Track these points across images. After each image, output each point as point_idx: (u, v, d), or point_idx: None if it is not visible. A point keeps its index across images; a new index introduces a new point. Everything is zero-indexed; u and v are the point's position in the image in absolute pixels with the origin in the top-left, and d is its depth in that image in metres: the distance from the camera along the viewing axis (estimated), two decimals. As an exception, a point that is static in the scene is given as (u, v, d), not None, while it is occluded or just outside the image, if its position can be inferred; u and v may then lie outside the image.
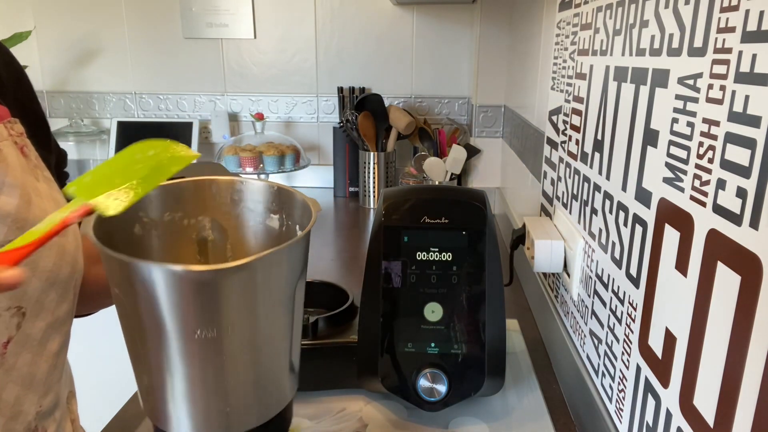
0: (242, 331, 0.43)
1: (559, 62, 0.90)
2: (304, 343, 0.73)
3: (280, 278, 0.45)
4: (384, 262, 0.70)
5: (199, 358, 0.42)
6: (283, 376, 0.48)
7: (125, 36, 1.99)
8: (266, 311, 0.44)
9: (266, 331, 0.45)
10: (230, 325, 0.42)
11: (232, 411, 0.44)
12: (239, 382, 0.44)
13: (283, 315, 0.46)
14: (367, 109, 1.77)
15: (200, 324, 0.41)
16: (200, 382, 0.43)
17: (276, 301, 0.45)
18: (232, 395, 0.44)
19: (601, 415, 0.63)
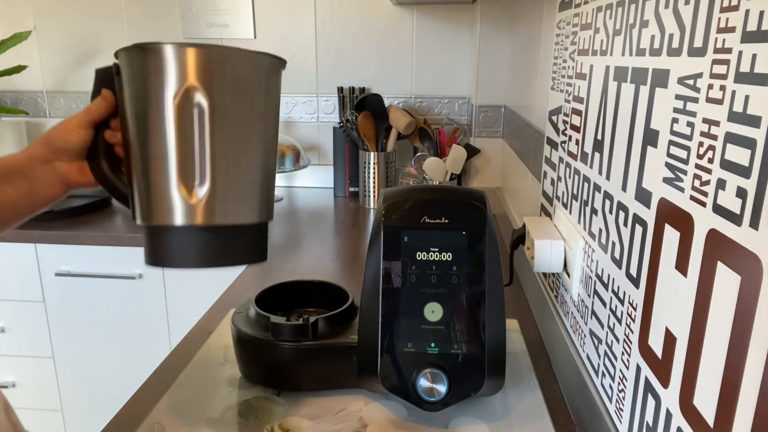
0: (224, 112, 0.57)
1: (559, 62, 0.90)
2: (304, 342, 0.73)
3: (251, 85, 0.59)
4: (384, 262, 0.70)
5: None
6: (252, 187, 0.59)
7: (125, 36, 1.99)
8: (242, 110, 0.58)
9: (240, 132, 0.58)
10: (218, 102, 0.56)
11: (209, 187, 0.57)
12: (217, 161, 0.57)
13: (255, 127, 0.59)
14: (367, 109, 1.77)
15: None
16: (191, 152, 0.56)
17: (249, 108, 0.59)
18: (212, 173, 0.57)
19: (601, 415, 0.63)
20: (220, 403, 0.74)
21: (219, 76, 0.57)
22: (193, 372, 0.82)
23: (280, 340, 0.73)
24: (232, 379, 0.80)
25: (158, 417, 0.72)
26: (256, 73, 0.60)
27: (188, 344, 0.90)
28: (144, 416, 0.72)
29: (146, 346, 1.66)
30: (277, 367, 0.75)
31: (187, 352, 0.88)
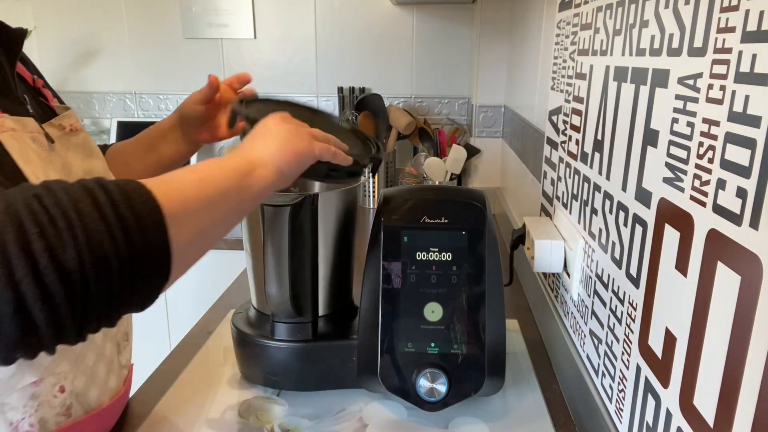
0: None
1: (559, 62, 0.90)
2: (304, 343, 0.73)
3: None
4: (384, 262, 0.70)
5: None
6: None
7: (125, 36, 2.00)
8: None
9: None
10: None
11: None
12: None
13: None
14: (367, 109, 1.77)
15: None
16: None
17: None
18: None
19: (601, 415, 0.63)
20: (220, 403, 0.74)
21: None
22: (193, 372, 0.82)
23: (281, 340, 0.73)
24: (232, 379, 0.80)
25: (158, 417, 0.72)
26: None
27: (188, 344, 0.90)
28: (144, 416, 0.72)
29: (146, 346, 1.66)
30: (277, 367, 0.75)
31: (187, 352, 0.88)
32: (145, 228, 0.41)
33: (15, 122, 0.54)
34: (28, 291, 0.35)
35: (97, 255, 0.38)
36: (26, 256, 0.35)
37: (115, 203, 0.40)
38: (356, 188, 0.76)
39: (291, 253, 0.67)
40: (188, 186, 0.47)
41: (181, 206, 0.45)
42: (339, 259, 0.76)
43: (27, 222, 0.36)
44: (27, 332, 0.36)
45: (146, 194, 0.42)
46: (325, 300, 0.76)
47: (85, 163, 0.64)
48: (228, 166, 0.52)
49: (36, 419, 0.55)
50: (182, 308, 1.64)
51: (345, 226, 0.75)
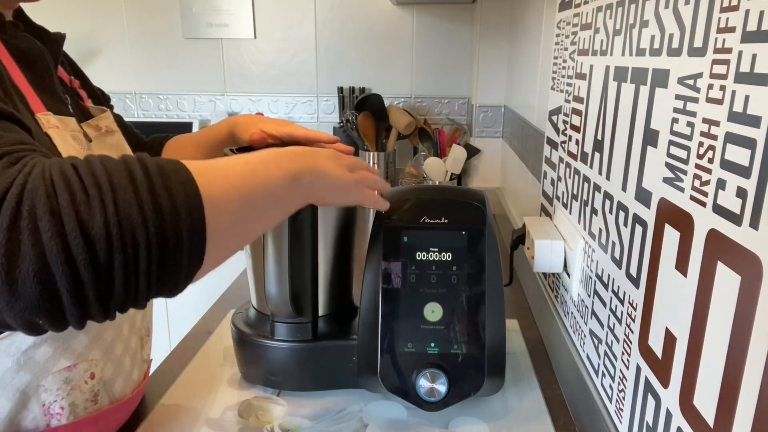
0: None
1: (559, 62, 0.90)
2: (304, 343, 0.73)
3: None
4: (384, 262, 0.70)
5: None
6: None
7: (125, 36, 2.00)
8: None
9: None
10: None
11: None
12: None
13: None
14: (367, 109, 1.77)
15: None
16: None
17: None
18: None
19: (601, 415, 0.63)
20: (220, 403, 0.74)
21: None
22: (193, 372, 0.82)
23: (280, 340, 0.73)
24: (232, 379, 0.80)
25: (158, 417, 0.72)
26: None
27: (188, 344, 0.90)
28: (144, 416, 0.72)
29: (146, 346, 1.65)
30: (277, 367, 0.75)
31: (187, 352, 0.88)
32: (178, 209, 0.40)
33: (58, 120, 0.56)
34: (52, 253, 0.35)
35: (124, 227, 0.37)
36: (54, 218, 0.35)
37: (151, 180, 0.40)
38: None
39: (291, 253, 0.67)
40: (235, 176, 0.46)
41: (224, 196, 0.44)
42: (339, 259, 0.76)
43: (59, 186, 0.37)
44: (48, 296, 0.36)
45: (186, 175, 0.42)
46: (325, 300, 0.76)
47: None
48: (287, 168, 0.51)
49: (67, 403, 0.57)
50: (182, 308, 1.64)
51: (345, 226, 0.75)
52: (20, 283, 0.35)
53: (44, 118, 0.54)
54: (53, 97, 0.60)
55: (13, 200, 0.35)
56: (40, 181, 0.36)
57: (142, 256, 0.38)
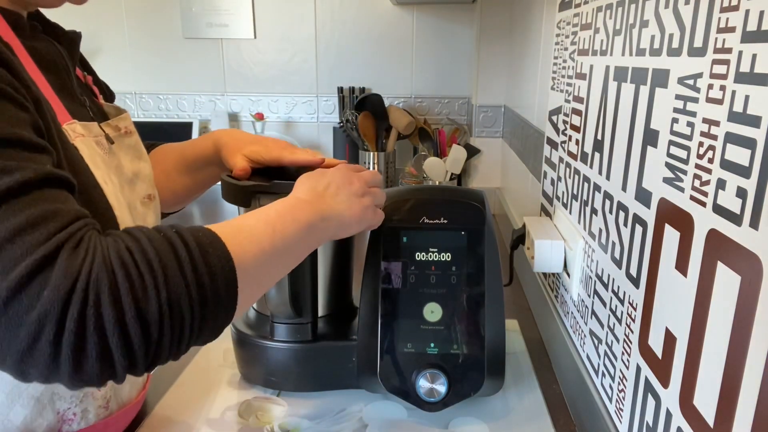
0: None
1: (559, 62, 0.90)
2: (303, 343, 0.73)
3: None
4: (383, 263, 0.70)
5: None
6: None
7: (125, 36, 2.00)
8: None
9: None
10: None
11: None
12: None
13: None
14: (367, 109, 1.77)
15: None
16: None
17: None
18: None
19: (601, 415, 0.63)
20: (220, 404, 0.74)
21: None
22: (193, 372, 0.82)
23: (280, 341, 0.73)
24: (231, 380, 0.80)
25: (158, 417, 0.72)
26: None
27: (188, 344, 0.90)
28: (144, 416, 0.72)
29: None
30: (277, 367, 0.75)
31: (187, 352, 0.88)
32: (218, 286, 0.45)
33: (83, 128, 0.56)
34: (113, 337, 0.40)
35: (174, 310, 0.42)
36: (117, 307, 0.40)
37: (193, 259, 0.44)
38: None
39: None
40: (261, 239, 0.50)
41: (254, 260, 0.49)
42: (338, 260, 0.76)
43: (119, 275, 0.40)
44: (107, 369, 0.41)
45: (221, 249, 0.46)
46: (324, 300, 0.76)
47: (134, 165, 0.66)
48: (301, 219, 0.55)
49: (80, 410, 0.58)
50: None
51: None
52: (85, 363, 0.40)
53: (70, 128, 0.54)
54: (74, 101, 0.60)
55: (82, 291, 0.39)
56: (103, 272, 0.40)
57: (186, 327, 0.44)
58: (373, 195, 0.65)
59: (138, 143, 0.69)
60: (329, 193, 0.60)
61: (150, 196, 0.68)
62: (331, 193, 0.60)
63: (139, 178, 0.66)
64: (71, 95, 0.60)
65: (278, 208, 0.55)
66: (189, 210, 1.69)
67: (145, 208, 0.66)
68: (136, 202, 0.64)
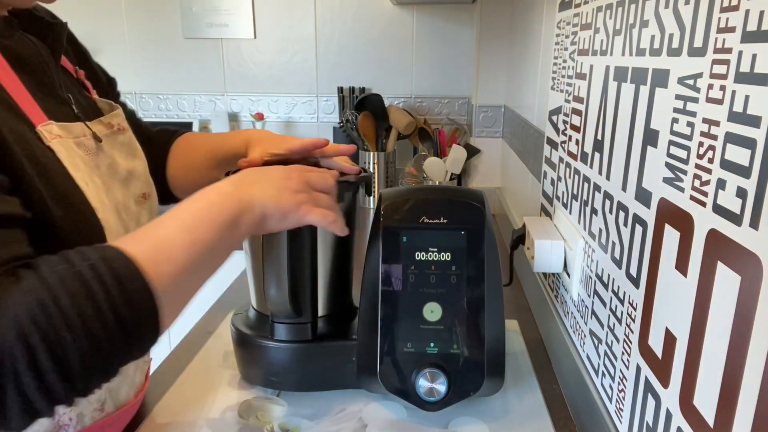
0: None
1: (559, 62, 0.90)
2: (303, 343, 0.73)
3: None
4: (383, 263, 0.70)
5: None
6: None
7: (125, 36, 2.00)
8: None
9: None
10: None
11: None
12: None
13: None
14: (367, 109, 1.77)
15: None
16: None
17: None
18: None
19: (601, 415, 0.63)
20: (220, 404, 0.74)
21: None
22: (193, 372, 0.82)
23: (280, 341, 0.73)
24: (232, 380, 0.80)
25: (158, 417, 0.72)
26: None
27: (188, 344, 0.90)
28: (144, 416, 0.72)
29: (146, 346, 1.65)
30: (277, 367, 0.75)
31: (187, 352, 0.88)
32: (139, 318, 0.45)
33: (61, 128, 0.55)
34: (35, 397, 0.40)
35: (97, 356, 0.43)
36: (36, 374, 0.40)
37: (112, 301, 0.43)
38: (356, 188, 0.75)
39: (290, 254, 0.67)
40: (180, 254, 0.49)
41: (174, 279, 0.48)
42: (338, 260, 0.76)
43: (34, 340, 0.40)
44: (32, 416, 0.42)
45: (139, 279, 0.45)
46: (324, 300, 0.76)
47: (128, 163, 0.65)
48: (219, 219, 0.53)
49: (75, 413, 0.58)
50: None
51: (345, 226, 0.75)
52: (8, 418, 0.41)
53: (46, 129, 0.52)
54: (54, 100, 0.58)
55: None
56: (14, 336, 0.39)
57: (114, 363, 0.45)
58: (312, 196, 0.61)
59: (132, 141, 0.67)
60: (254, 183, 0.58)
61: (145, 195, 0.67)
62: (256, 183, 0.58)
63: (134, 177, 0.65)
64: (50, 94, 0.58)
65: (196, 208, 0.53)
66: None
67: (139, 207, 0.65)
68: (130, 202, 0.63)
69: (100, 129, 0.62)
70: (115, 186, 0.61)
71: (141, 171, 0.67)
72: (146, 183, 0.68)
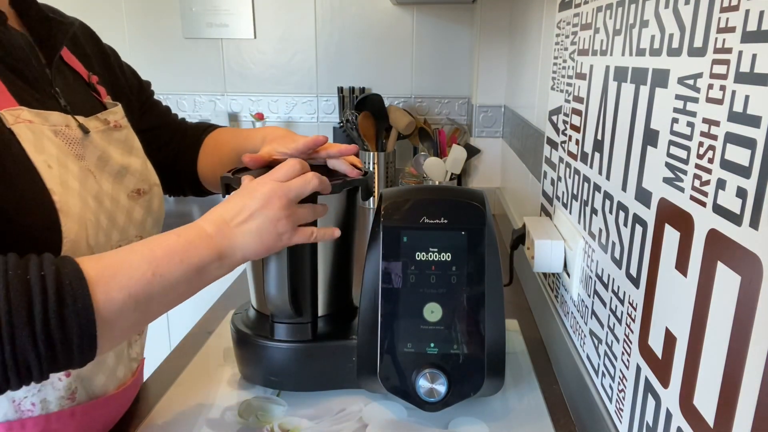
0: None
1: (559, 62, 0.90)
2: (303, 343, 0.73)
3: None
4: (383, 263, 0.70)
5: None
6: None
7: (125, 36, 2.00)
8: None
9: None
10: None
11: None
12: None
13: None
14: (367, 109, 1.77)
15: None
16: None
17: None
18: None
19: (601, 415, 0.63)
20: (220, 403, 0.74)
21: None
22: (193, 372, 0.82)
23: (280, 341, 0.73)
24: (232, 380, 0.80)
25: (158, 417, 0.72)
26: None
27: (188, 344, 0.90)
28: (144, 416, 0.72)
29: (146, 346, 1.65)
30: (277, 367, 0.75)
31: (187, 352, 0.88)
32: (71, 339, 0.46)
33: (34, 115, 0.56)
34: None
35: (20, 363, 0.44)
36: None
37: (46, 315, 0.44)
38: (356, 188, 0.75)
39: (290, 254, 0.67)
40: (135, 284, 0.50)
41: (120, 309, 0.49)
42: (338, 260, 0.76)
43: None
44: None
45: (83, 300, 0.46)
46: (324, 300, 0.76)
47: (124, 158, 0.66)
48: (191, 261, 0.54)
49: (38, 399, 0.57)
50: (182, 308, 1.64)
51: (345, 226, 0.75)
52: None
53: (11, 113, 0.53)
54: (35, 91, 0.59)
55: None
56: None
57: (35, 376, 0.46)
58: (294, 217, 0.61)
59: (129, 138, 0.69)
60: (237, 222, 0.58)
61: (139, 191, 0.68)
62: (239, 222, 0.58)
63: (128, 172, 0.66)
64: (33, 85, 0.59)
65: (170, 243, 0.54)
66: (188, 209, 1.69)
67: (132, 201, 0.66)
68: (120, 195, 0.64)
69: (96, 125, 0.63)
70: (103, 177, 0.62)
71: (137, 168, 0.68)
72: (142, 180, 0.69)
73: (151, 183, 0.71)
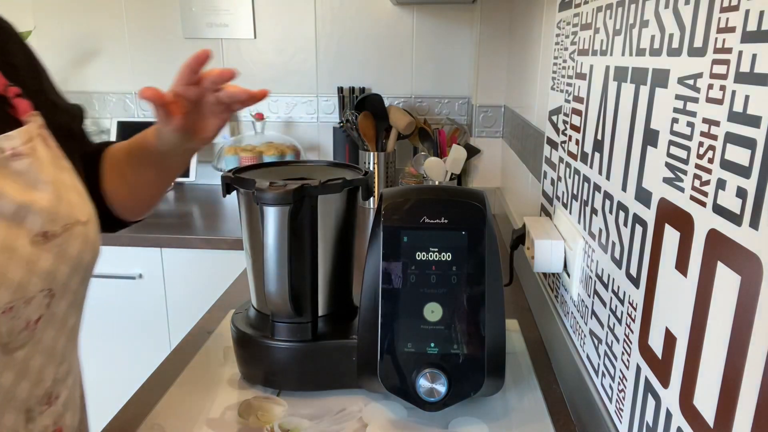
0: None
1: (559, 62, 0.90)
2: (304, 343, 0.73)
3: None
4: (383, 263, 0.70)
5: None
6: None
7: (125, 36, 2.00)
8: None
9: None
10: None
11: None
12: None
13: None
14: (367, 109, 1.77)
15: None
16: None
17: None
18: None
19: (601, 415, 0.63)
20: (220, 403, 0.74)
21: None
22: (193, 372, 0.82)
23: (280, 340, 0.73)
24: (232, 380, 0.80)
25: (158, 417, 0.72)
26: None
27: (188, 344, 0.90)
28: (144, 416, 0.72)
29: (146, 346, 1.66)
30: (277, 367, 0.75)
31: (187, 352, 0.88)
32: None
33: None
34: None
35: None
36: None
37: None
38: (356, 188, 0.75)
39: (290, 253, 0.67)
40: None
41: None
42: (339, 259, 0.76)
43: None
44: None
45: None
46: (324, 300, 0.76)
47: (25, 195, 0.51)
48: None
49: None
50: (182, 308, 1.64)
51: (345, 226, 0.75)
52: None
53: None
54: None
55: None
56: None
57: None
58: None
59: (32, 169, 0.53)
60: None
61: (46, 234, 0.52)
62: None
63: (29, 211, 0.51)
64: None
65: None
66: (189, 210, 1.69)
67: (36, 248, 0.50)
68: (18, 242, 0.49)
69: None
70: None
71: (43, 205, 0.52)
72: (50, 220, 0.52)
73: (67, 222, 0.54)
